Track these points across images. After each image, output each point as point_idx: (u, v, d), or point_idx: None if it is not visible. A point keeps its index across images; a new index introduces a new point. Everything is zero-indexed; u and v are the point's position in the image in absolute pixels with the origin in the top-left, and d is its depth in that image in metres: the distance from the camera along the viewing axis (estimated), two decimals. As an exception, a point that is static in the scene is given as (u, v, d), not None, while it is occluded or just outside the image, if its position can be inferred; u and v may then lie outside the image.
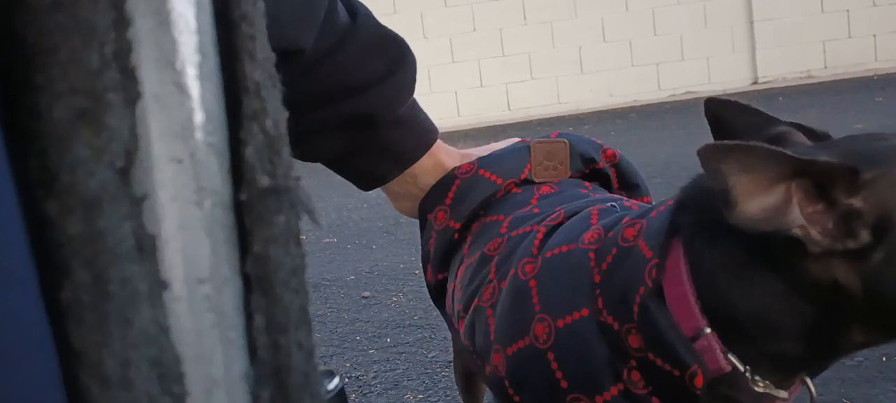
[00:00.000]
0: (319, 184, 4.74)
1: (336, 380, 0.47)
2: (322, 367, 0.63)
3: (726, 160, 0.56)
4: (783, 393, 0.65)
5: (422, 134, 0.96)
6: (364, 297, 2.52)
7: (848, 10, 6.25)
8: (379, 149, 0.93)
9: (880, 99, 5.01)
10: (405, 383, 1.85)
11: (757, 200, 0.57)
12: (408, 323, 2.24)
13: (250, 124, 0.31)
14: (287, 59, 0.83)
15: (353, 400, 1.80)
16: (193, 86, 0.30)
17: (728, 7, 6.33)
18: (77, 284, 0.27)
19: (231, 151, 0.31)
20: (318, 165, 0.94)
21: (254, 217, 0.30)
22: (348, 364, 2.00)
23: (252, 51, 0.32)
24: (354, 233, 3.39)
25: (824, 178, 0.58)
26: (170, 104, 0.29)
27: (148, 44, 0.29)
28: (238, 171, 0.31)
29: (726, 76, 6.33)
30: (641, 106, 6.10)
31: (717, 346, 0.63)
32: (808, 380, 0.69)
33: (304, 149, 0.92)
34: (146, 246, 0.28)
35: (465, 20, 6.39)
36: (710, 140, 0.68)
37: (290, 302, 0.31)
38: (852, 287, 0.59)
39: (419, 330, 2.16)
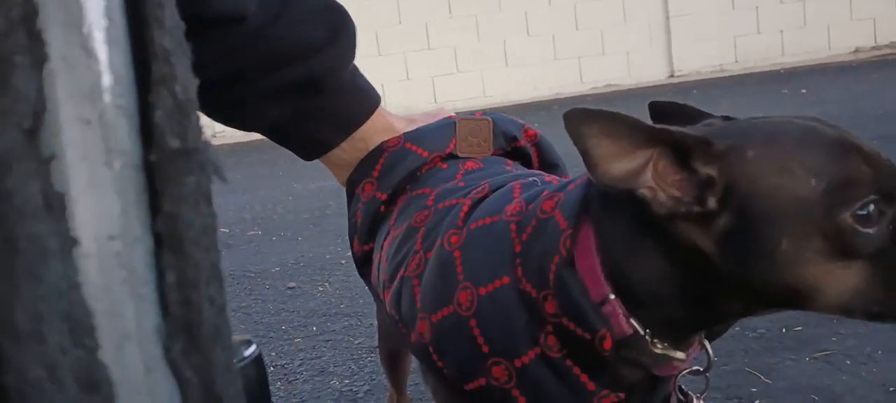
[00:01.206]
0: (244, 177, 4.66)
1: (253, 348, 0.48)
2: (239, 337, 0.64)
3: (588, 124, 0.61)
4: (680, 354, 0.70)
5: (365, 98, 0.97)
6: (289, 288, 2.50)
7: (757, 7, 6.56)
8: (323, 116, 0.93)
9: (786, 91, 5.29)
10: (331, 369, 1.85)
11: (619, 163, 0.62)
12: (334, 311, 2.24)
13: (159, 88, 0.32)
14: (230, 25, 0.83)
15: (279, 388, 1.79)
16: (101, 50, 0.30)
17: (646, 3, 6.54)
18: (-15, 242, 0.28)
19: (141, 115, 0.32)
20: (241, 159, 0.94)
21: (164, 177, 0.31)
22: (274, 353, 1.98)
23: (160, 18, 0.33)
24: (280, 225, 3.35)
25: (681, 148, 0.63)
26: (77, 66, 0.30)
27: (54, 7, 0.30)
28: (148, 134, 0.32)
29: (644, 70, 6.54)
30: (564, 98, 6.23)
31: (620, 311, 0.67)
32: (707, 344, 0.74)
33: (246, 118, 0.92)
34: (55, 204, 0.29)
35: (390, 13, 6.39)
36: None
37: (202, 260, 0.32)
38: (711, 253, 0.63)
39: (345, 318, 2.16)
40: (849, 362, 1.60)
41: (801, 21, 6.66)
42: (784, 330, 1.77)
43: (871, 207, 0.60)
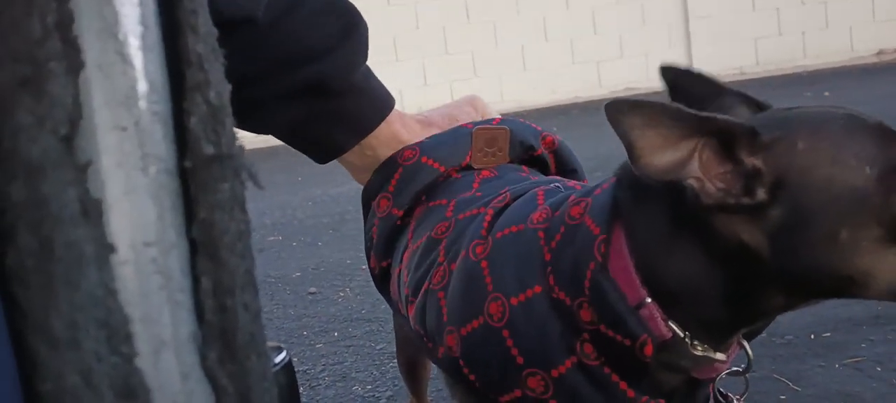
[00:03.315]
0: (263, 183, 4.68)
1: (283, 354, 0.47)
2: (270, 343, 0.64)
3: (630, 115, 0.60)
4: (721, 356, 0.69)
5: (378, 102, 0.96)
6: (310, 293, 2.51)
7: (778, 9, 6.50)
8: (335, 118, 0.93)
9: (809, 93, 5.23)
10: (353, 375, 1.85)
11: (664, 154, 0.61)
12: (355, 317, 2.24)
13: (194, 95, 0.32)
14: (240, 28, 0.83)
15: (301, 394, 1.79)
16: (136, 57, 0.30)
17: (665, 6, 6.50)
18: (22, 248, 0.28)
19: (176, 121, 0.32)
20: (260, 165, 0.94)
21: (199, 183, 0.31)
22: (296, 360, 1.98)
23: (194, 25, 0.33)
24: (299, 231, 3.36)
25: (727, 138, 0.61)
26: (113, 73, 0.30)
27: (90, 14, 0.30)
28: (183, 140, 0.32)
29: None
30: (583, 102, 6.21)
31: (658, 315, 0.66)
32: (745, 343, 0.73)
33: (259, 120, 0.91)
34: (91, 211, 0.29)
35: (408, 18, 6.40)
36: None
37: (236, 266, 0.32)
38: (759, 247, 0.62)
39: (367, 324, 2.16)
40: (879, 368, 1.58)
41: (823, 22, 6.58)
42: (812, 337, 1.75)
43: None
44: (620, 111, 0.60)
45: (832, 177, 0.61)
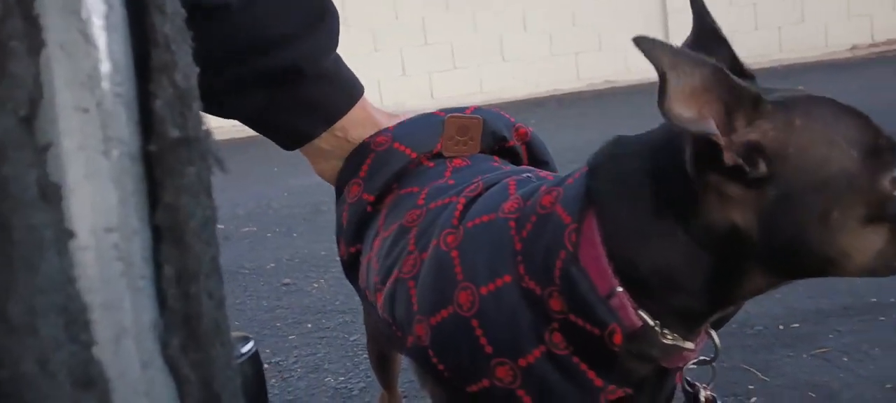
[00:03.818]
0: (238, 172, 4.64)
1: (250, 344, 0.47)
2: (237, 333, 0.63)
3: (660, 51, 0.58)
4: (689, 345, 0.69)
5: (348, 88, 0.95)
6: (284, 284, 2.49)
7: (755, 3, 6.56)
8: (304, 105, 0.92)
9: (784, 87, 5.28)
10: (326, 366, 1.85)
11: (683, 106, 0.59)
12: (329, 308, 2.23)
13: (160, 77, 0.31)
14: (212, 13, 0.82)
15: (274, 385, 1.78)
16: (100, 37, 0.30)
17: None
18: (-21, 231, 0.27)
19: (141, 104, 0.31)
20: (234, 154, 0.93)
21: (164, 168, 0.30)
22: (268, 351, 1.97)
23: (161, 4, 0.32)
24: (274, 221, 3.34)
25: (733, 100, 0.61)
26: (75, 53, 0.29)
27: (52, -8, 0.29)
28: (148, 123, 0.31)
29: (643, 66, 6.52)
30: (561, 95, 6.23)
31: (628, 304, 0.66)
32: (713, 333, 0.73)
33: (228, 105, 0.91)
34: (51, 194, 0.28)
35: (387, 9, 6.37)
36: (625, 131, 0.72)
37: (202, 253, 0.31)
38: (750, 229, 0.62)
39: (340, 315, 2.16)
40: (846, 359, 1.60)
41: (798, 17, 6.66)
42: (781, 328, 1.77)
43: None
44: (650, 45, 0.58)
45: (827, 158, 0.61)
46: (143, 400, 0.30)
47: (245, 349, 0.49)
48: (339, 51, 0.96)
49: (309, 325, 2.12)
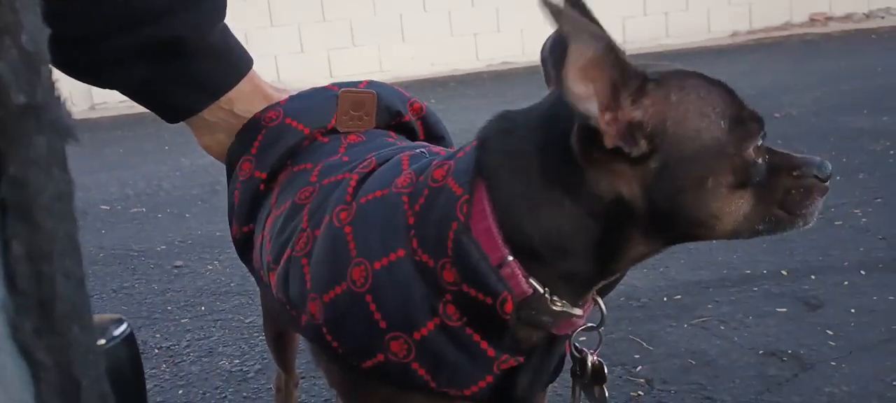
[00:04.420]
0: (127, 151, 4.41)
1: (123, 326, 0.45)
2: (109, 316, 0.60)
3: (566, 17, 0.59)
4: (578, 311, 0.71)
5: (235, 61, 0.92)
6: (176, 267, 2.40)
7: (644, -10, 6.81)
8: (189, 78, 0.89)
9: (670, 73, 5.52)
10: (220, 349, 1.79)
11: (576, 77, 0.60)
12: (224, 290, 2.16)
13: (3, 38, 0.28)
14: None
15: (164, 370, 1.71)
16: (-70, -8, 0.27)
17: (540, -18, 6.64)
18: None
19: (-19, 68, 0.28)
20: (124, 132, 0.88)
21: (9, 137, 0.28)
22: (159, 336, 1.90)
23: (4, -39, 0.29)
24: (166, 202, 3.20)
25: (620, 78, 0.63)
26: None
27: None
28: (-10, 90, 0.28)
29: (538, 48, 6.64)
30: (461, 75, 6.27)
31: (519, 272, 0.67)
32: (599, 300, 0.76)
33: (106, 76, 0.86)
34: None
35: (284, -18, 6.20)
36: None
37: (54, 230, 0.29)
38: (634, 198, 0.65)
39: (236, 297, 2.10)
40: (723, 327, 1.70)
41: (683, 5, 6.97)
42: (665, 299, 1.86)
43: (761, 140, 0.67)
44: (559, 10, 0.59)
45: (701, 129, 0.65)
46: (-9, 388, 0.28)
47: (118, 332, 0.47)
48: (232, 25, 0.93)
49: (202, 308, 2.05)
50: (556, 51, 0.71)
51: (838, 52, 5.87)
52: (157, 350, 1.82)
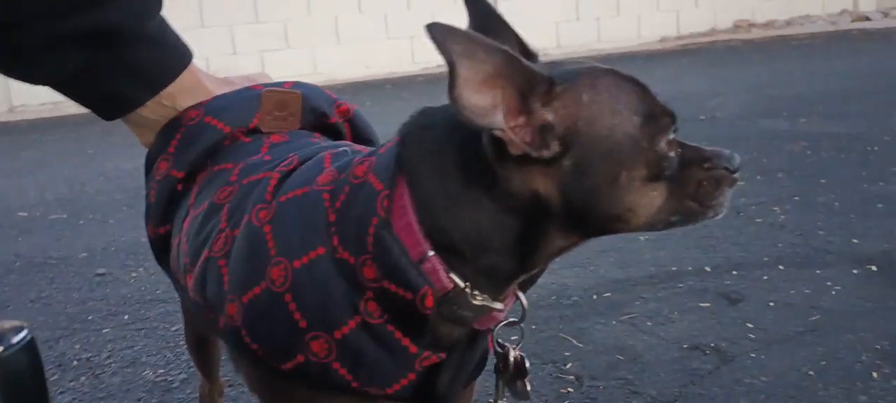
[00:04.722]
0: (46, 155, 4.24)
1: (23, 333, 0.42)
2: (8, 322, 0.57)
3: (451, 39, 0.60)
4: (498, 305, 0.71)
5: (175, 53, 0.88)
6: (98, 275, 2.31)
7: (577, -5, 6.95)
8: (127, 69, 0.84)
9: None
10: (144, 359, 1.73)
11: (475, 94, 0.61)
12: (148, 298, 2.10)
13: None
14: None
15: (83, 383, 1.65)
16: None
17: (475, -14, 6.70)
18: None
19: None
20: (43, 135, 0.83)
21: None
22: (78, 347, 1.82)
23: None
24: (88, 207, 3.09)
25: (527, 85, 0.64)
26: None
27: None
28: None
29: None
30: (396, 78, 6.26)
31: (440, 267, 0.67)
32: (520, 294, 0.77)
33: (40, 67, 0.81)
34: None
35: (215, -17, 6.07)
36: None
37: None
38: (550, 196, 0.66)
39: (161, 305, 2.04)
40: (650, 323, 1.75)
41: (614, 10, 7.15)
42: (595, 297, 1.90)
43: (673, 134, 0.68)
44: (444, 35, 0.60)
45: (613, 127, 0.66)
46: None
47: (17, 339, 0.44)
48: None
49: (126, 317, 1.99)
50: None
51: (760, 57, 6.12)
52: (76, 362, 1.75)
